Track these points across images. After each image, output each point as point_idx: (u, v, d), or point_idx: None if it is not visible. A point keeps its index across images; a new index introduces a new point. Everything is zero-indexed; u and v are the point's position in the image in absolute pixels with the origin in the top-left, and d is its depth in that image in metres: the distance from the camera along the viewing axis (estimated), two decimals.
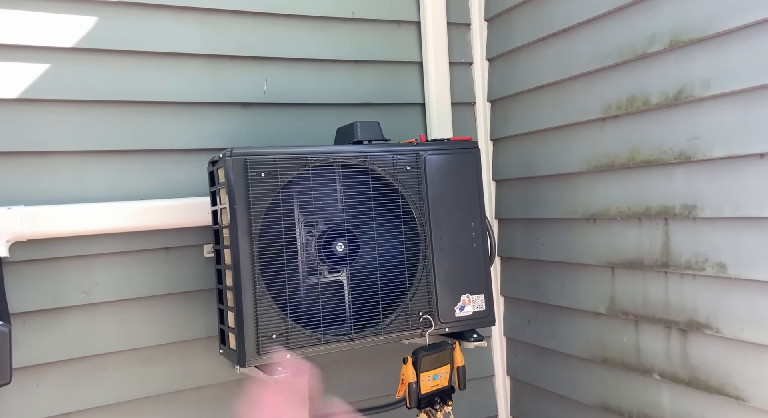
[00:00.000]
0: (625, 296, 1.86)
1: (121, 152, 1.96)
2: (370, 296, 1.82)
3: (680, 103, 1.65)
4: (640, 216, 1.79)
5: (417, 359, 1.77)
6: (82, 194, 1.90)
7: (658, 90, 1.70)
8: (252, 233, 1.65)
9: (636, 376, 1.83)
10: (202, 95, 2.06)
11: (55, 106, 1.88)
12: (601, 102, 1.90)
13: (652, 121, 1.73)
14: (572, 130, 2.05)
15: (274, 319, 1.67)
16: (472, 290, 1.93)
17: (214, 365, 2.04)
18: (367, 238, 1.83)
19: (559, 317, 2.16)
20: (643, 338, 1.80)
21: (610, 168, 1.89)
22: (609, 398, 1.94)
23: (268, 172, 1.70)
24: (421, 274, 1.88)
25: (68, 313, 1.87)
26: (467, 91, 2.50)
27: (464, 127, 2.49)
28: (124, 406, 1.93)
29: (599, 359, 1.97)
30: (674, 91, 1.65)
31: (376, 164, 1.85)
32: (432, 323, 1.86)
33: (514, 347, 2.43)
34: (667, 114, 1.69)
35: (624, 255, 1.86)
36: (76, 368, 1.88)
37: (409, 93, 2.40)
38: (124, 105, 1.96)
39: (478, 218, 1.96)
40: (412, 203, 1.89)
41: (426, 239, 1.89)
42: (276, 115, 2.18)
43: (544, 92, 2.17)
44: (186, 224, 1.97)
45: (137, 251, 1.96)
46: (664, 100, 1.68)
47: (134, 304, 1.96)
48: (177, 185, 2.02)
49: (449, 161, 1.95)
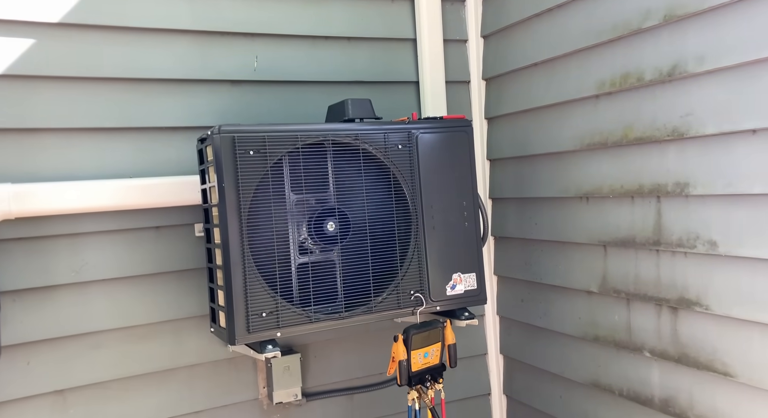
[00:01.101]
0: (617, 274, 1.86)
1: (110, 130, 1.94)
2: (361, 274, 1.81)
3: (674, 79, 1.63)
4: (633, 194, 1.78)
5: (408, 336, 1.77)
6: (70, 172, 1.88)
7: (652, 66, 1.67)
8: (241, 212, 1.64)
9: (627, 353, 1.84)
10: (191, 72, 2.03)
11: (42, 83, 1.85)
12: (595, 79, 1.88)
13: (646, 97, 1.71)
14: (566, 108, 2.03)
15: (264, 297, 1.66)
16: (463, 268, 1.93)
17: (206, 344, 2.04)
18: (358, 217, 1.82)
19: (551, 295, 2.16)
20: (635, 316, 1.80)
21: (603, 146, 1.87)
22: (600, 375, 1.94)
23: (257, 151, 1.68)
24: (412, 253, 1.87)
25: (59, 291, 1.87)
26: (462, 69, 2.46)
27: (459, 106, 2.46)
28: (117, 383, 1.94)
29: (591, 337, 1.97)
30: (668, 67, 1.63)
31: (367, 143, 1.83)
32: (423, 301, 1.86)
33: (507, 326, 2.44)
34: (661, 90, 1.67)
35: (616, 233, 1.85)
36: (69, 345, 1.88)
37: (402, 71, 2.37)
38: (113, 82, 1.94)
39: (470, 197, 1.95)
40: (404, 182, 1.87)
41: (417, 218, 1.88)
42: (266, 92, 2.16)
43: (539, 69, 2.14)
44: (176, 202, 1.96)
45: (127, 229, 1.95)
46: (658, 76, 1.66)
47: (125, 282, 1.95)
48: (166, 163, 2.00)
49: (442, 140, 1.93)
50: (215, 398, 2.07)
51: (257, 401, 2.13)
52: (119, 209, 1.89)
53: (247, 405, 2.12)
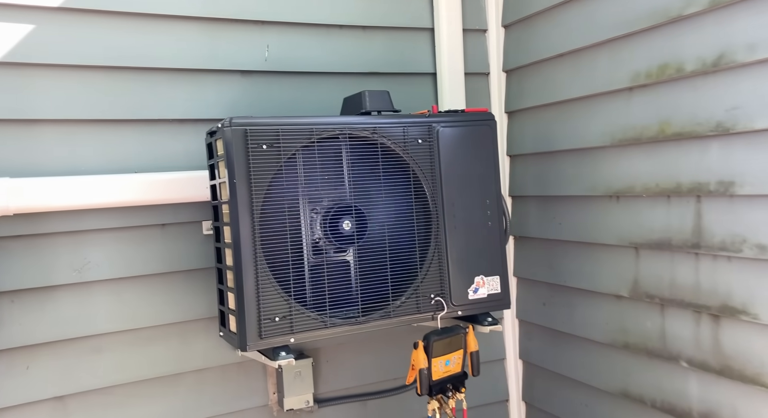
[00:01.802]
0: (650, 278, 1.75)
1: (113, 122, 1.84)
2: (378, 277, 1.71)
3: (719, 70, 1.51)
4: (669, 193, 1.67)
5: (428, 344, 1.67)
6: (72, 166, 1.78)
7: (694, 56, 1.56)
8: (253, 210, 1.54)
9: (660, 362, 1.73)
10: (199, 61, 1.93)
11: (42, 71, 1.75)
12: (629, 70, 1.76)
13: (686, 90, 1.60)
14: (595, 102, 1.92)
15: (276, 301, 1.56)
16: (486, 271, 1.82)
17: (214, 347, 1.95)
18: (376, 215, 1.71)
19: (576, 299, 2.06)
20: (670, 323, 1.69)
21: (636, 142, 1.76)
22: (630, 384, 1.84)
23: (270, 145, 1.58)
24: (432, 254, 1.76)
25: (59, 292, 1.78)
26: (481, 60, 2.35)
27: (477, 99, 2.35)
28: (120, 389, 1.85)
29: (620, 344, 1.86)
30: (713, 56, 1.52)
31: (385, 137, 1.73)
32: (444, 305, 1.75)
33: (527, 330, 2.33)
34: (703, 82, 1.55)
35: (650, 235, 1.74)
36: (70, 349, 1.79)
37: (419, 62, 2.26)
38: (117, 71, 1.83)
39: (493, 195, 1.84)
40: (424, 179, 1.77)
41: (438, 216, 1.77)
42: (278, 83, 2.05)
43: (565, 61, 2.03)
44: (183, 199, 1.86)
45: (132, 227, 1.85)
46: (701, 66, 1.54)
47: (130, 282, 1.86)
48: (173, 158, 1.90)
49: (464, 134, 1.82)
50: (223, 404, 1.98)
51: (267, 407, 2.04)
52: (123, 205, 1.79)
53: (256, 412, 2.02)
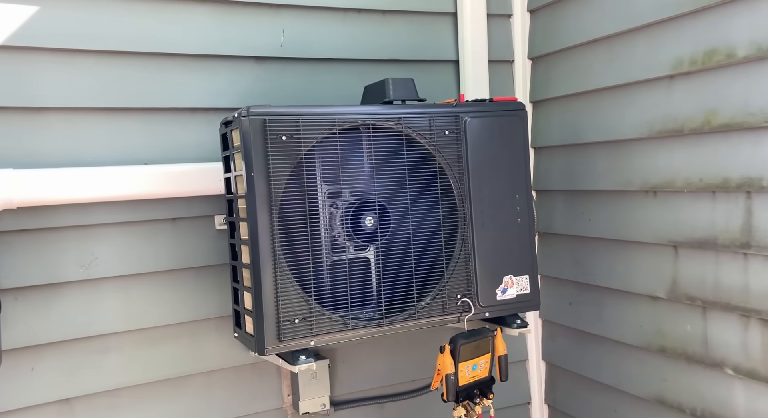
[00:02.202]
0: (690, 279, 1.65)
1: (122, 110, 1.74)
2: (402, 276, 1.61)
3: None
4: (715, 189, 1.56)
5: (455, 347, 1.58)
6: (78, 157, 1.69)
7: (747, 40, 1.45)
8: (272, 205, 1.44)
9: (701, 369, 1.63)
10: (211, 47, 1.82)
11: (46, 55, 1.65)
12: (670, 57, 1.65)
13: (737, 77, 1.49)
14: (631, 91, 1.80)
15: (296, 302, 1.47)
16: (515, 270, 1.72)
17: (226, 348, 1.86)
18: (399, 211, 1.61)
19: (606, 299, 1.96)
20: (713, 328, 1.59)
21: (678, 133, 1.65)
22: (666, 391, 1.74)
23: (290, 135, 1.48)
24: (459, 252, 1.66)
25: (65, 289, 1.69)
26: (505, 47, 2.24)
27: (501, 88, 2.24)
28: (128, 391, 1.76)
29: (656, 348, 1.76)
30: None
31: (410, 128, 1.62)
32: (471, 307, 1.66)
33: (551, 331, 2.24)
34: (757, 68, 1.44)
35: (691, 233, 1.64)
36: (76, 349, 1.70)
37: (441, 48, 2.15)
38: (125, 56, 1.73)
39: (524, 190, 1.74)
40: (451, 173, 1.66)
41: (465, 213, 1.67)
42: (293, 70, 1.95)
43: (598, 47, 1.91)
44: (195, 192, 1.76)
45: (141, 221, 1.76)
46: (756, 52, 1.43)
47: (138, 280, 1.77)
48: (184, 149, 1.80)
49: (492, 125, 1.72)
50: (236, 407, 1.89)
51: (281, 410, 1.95)
52: (132, 198, 1.70)
53: (270, 415, 1.94)
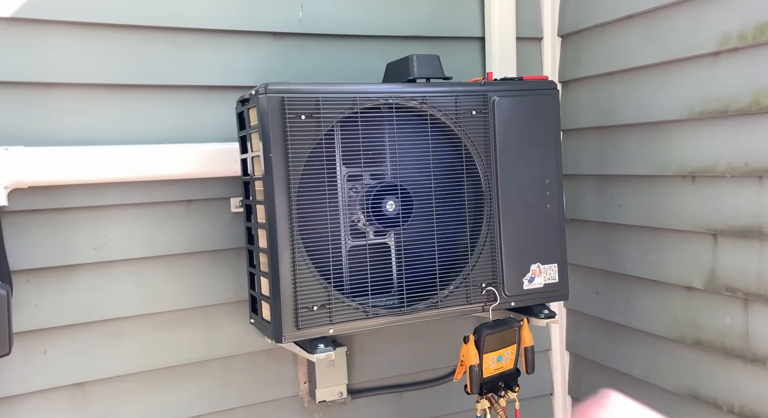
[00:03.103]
0: (731, 269, 1.56)
1: (136, 87, 1.68)
2: (424, 263, 1.54)
3: None
4: (762, 174, 1.46)
5: (480, 338, 1.51)
6: (90, 135, 1.63)
7: None
8: (290, 187, 1.37)
9: (741, 364, 1.55)
10: (228, 22, 1.75)
11: (58, 29, 1.58)
12: (717, 32, 1.54)
13: None
14: (670, 69, 1.70)
15: (315, 288, 1.41)
16: (543, 258, 1.64)
17: (242, 333, 1.81)
18: (422, 195, 1.54)
19: (636, 289, 1.87)
20: (756, 321, 1.50)
21: (722, 114, 1.55)
22: (701, 386, 1.66)
23: (310, 115, 1.41)
24: (484, 239, 1.59)
25: (78, 271, 1.64)
26: (533, 23, 2.13)
27: (528, 67, 2.14)
28: (142, 376, 1.72)
29: (690, 341, 1.68)
30: None
31: (435, 108, 1.54)
32: (497, 296, 1.58)
33: (576, 320, 2.16)
34: None
35: (734, 221, 1.54)
36: (89, 333, 1.66)
37: (466, 25, 2.05)
38: (140, 31, 1.66)
39: (554, 175, 1.65)
40: (477, 155, 1.58)
41: (492, 197, 1.59)
42: (312, 47, 1.86)
43: (634, 23, 1.81)
44: (211, 173, 1.70)
45: (155, 203, 1.70)
46: None
47: (153, 263, 1.72)
48: (200, 128, 1.74)
49: (522, 105, 1.63)
50: (251, 393, 1.84)
51: (297, 397, 1.90)
52: (146, 179, 1.64)
53: (286, 402, 1.89)
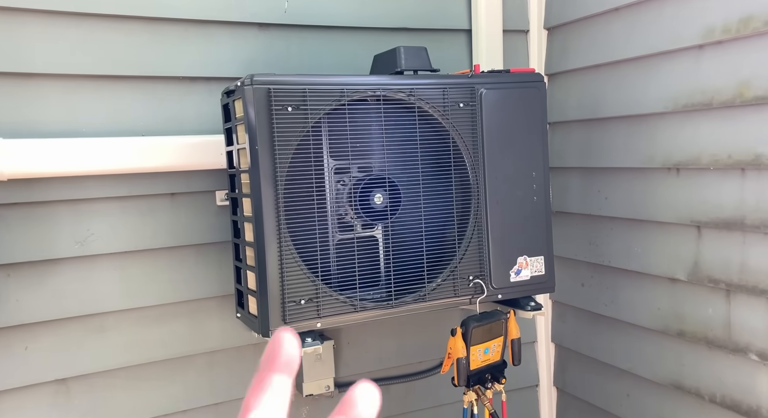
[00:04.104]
0: (714, 260, 1.58)
1: (118, 78, 1.64)
2: (412, 256, 1.54)
3: None
4: (745, 166, 1.48)
5: (467, 331, 1.51)
6: (71, 127, 1.60)
7: None
8: (277, 180, 1.36)
9: (723, 354, 1.57)
10: (212, 12, 1.72)
11: (38, 18, 1.55)
12: (701, 25, 1.55)
13: None
14: (654, 62, 1.71)
15: (302, 281, 1.40)
16: (530, 251, 1.65)
17: (228, 327, 1.79)
18: (410, 188, 1.53)
19: (621, 281, 1.89)
20: (737, 312, 1.53)
21: (705, 107, 1.56)
22: (684, 376, 1.68)
23: (296, 107, 1.39)
24: (472, 231, 1.59)
25: (60, 265, 1.61)
26: (519, 15, 2.13)
27: (515, 60, 2.14)
28: (127, 371, 1.70)
29: (674, 332, 1.70)
30: None
31: (423, 100, 1.53)
32: (484, 288, 1.59)
33: (562, 312, 2.17)
34: None
35: (717, 212, 1.56)
36: (72, 328, 1.63)
37: (453, 17, 2.04)
38: (122, 20, 1.63)
39: (540, 167, 1.66)
40: (465, 148, 1.58)
41: (479, 190, 1.59)
42: (298, 38, 1.84)
43: (620, 16, 1.81)
44: (195, 166, 1.68)
45: (138, 196, 1.68)
46: None
47: (136, 257, 1.69)
48: (184, 120, 1.71)
49: (509, 98, 1.63)
50: (237, 388, 1.83)
51: None
52: (129, 171, 1.61)
53: None
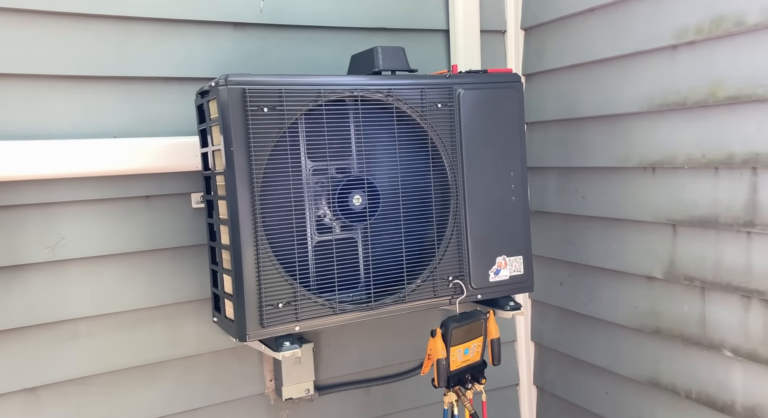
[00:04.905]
0: (689, 258, 1.59)
1: (88, 79, 1.60)
2: (391, 257, 1.53)
3: None
4: (718, 165, 1.50)
5: (447, 331, 1.51)
6: (40, 129, 1.56)
7: (758, 7, 1.37)
8: (253, 182, 1.34)
9: (698, 351, 1.59)
10: (185, 11, 1.69)
11: (4, 17, 1.50)
12: (674, 26, 1.57)
13: (747, 46, 1.41)
14: (630, 62, 1.72)
15: (280, 285, 1.38)
16: (509, 251, 1.65)
17: (206, 332, 1.76)
18: (389, 189, 1.52)
19: (599, 279, 1.90)
20: (712, 308, 1.54)
21: (680, 107, 1.58)
22: (661, 373, 1.70)
23: (272, 107, 1.37)
24: (451, 232, 1.58)
25: (29, 271, 1.57)
26: (497, 16, 2.13)
27: (492, 60, 2.14)
28: (100, 378, 1.66)
29: (651, 330, 1.72)
30: None
31: (401, 100, 1.52)
32: (463, 289, 1.58)
33: (541, 311, 2.18)
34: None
35: (692, 211, 1.58)
36: (42, 335, 1.59)
37: (431, 17, 2.04)
38: (92, 20, 1.59)
39: (518, 167, 1.66)
40: (443, 149, 1.57)
41: (458, 190, 1.59)
42: (274, 38, 1.82)
43: (596, 16, 1.83)
44: (169, 168, 1.65)
45: (111, 199, 1.64)
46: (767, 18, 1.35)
47: (110, 261, 1.66)
48: (157, 121, 1.68)
49: (487, 98, 1.62)
50: (215, 393, 1.80)
51: (263, 396, 1.87)
52: (101, 174, 1.58)
53: (251, 401, 1.85)
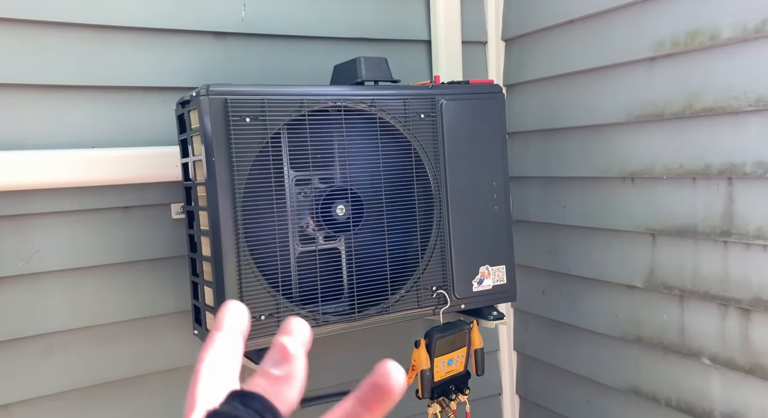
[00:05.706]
0: (668, 267, 1.61)
1: (65, 88, 1.58)
2: (375, 268, 1.52)
3: (763, 37, 1.35)
4: (695, 175, 1.52)
5: (431, 342, 1.50)
6: (14, 139, 1.52)
7: (733, 21, 1.40)
8: (235, 193, 1.32)
9: (678, 359, 1.60)
10: (165, 20, 1.67)
11: None
12: (651, 38, 1.60)
13: (721, 59, 1.44)
14: (609, 73, 1.75)
15: (262, 297, 1.36)
16: (492, 260, 1.65)
17: (185, 346, 1.74)
18: (372, 199, 1.52)
19: (580, 289, 1.92)
20: (690, 317, 1.56)
21: (658, 118, 1.61)
22: (642, 381, 1.71)
23: (255, 117, 1.36)
24: (434, 242, 1.58)
25: (3, 284, 1.53)
26: (478, 27, 2.15)
27: (474, 71, 2.16)
28: (77, 394, 1.62)
29: (631, 338, 1.73)
30: (757, 20, 1.36)
31: (384, 110, 1.52)
32: (447, 299, 1.58)
33: (524, 320, 2.19)
34: (742, 50, 1.40)
35: (670, 221, 1.60)
36: (16, 350, 1.55)
37: (412, 27, 2.05)
38: (69, 28, 1.57)
39: (501, 177, 1.67)
40: (426, 159, 1.58)
41: (441, 200, 1.59)
42: (256, 48, 1.81)
43: (575, 28, 1.85)
44: (148, 178, 1.62)
45: (88, 210, 1.61)
46: (741, 33, 1.38)
47: (87, 273, 1.62)
48: (137, 131, 1.65)
49: (469, 108, 1.63)
50: None
51: None
52: (78, 185, 1.55)
53: None
